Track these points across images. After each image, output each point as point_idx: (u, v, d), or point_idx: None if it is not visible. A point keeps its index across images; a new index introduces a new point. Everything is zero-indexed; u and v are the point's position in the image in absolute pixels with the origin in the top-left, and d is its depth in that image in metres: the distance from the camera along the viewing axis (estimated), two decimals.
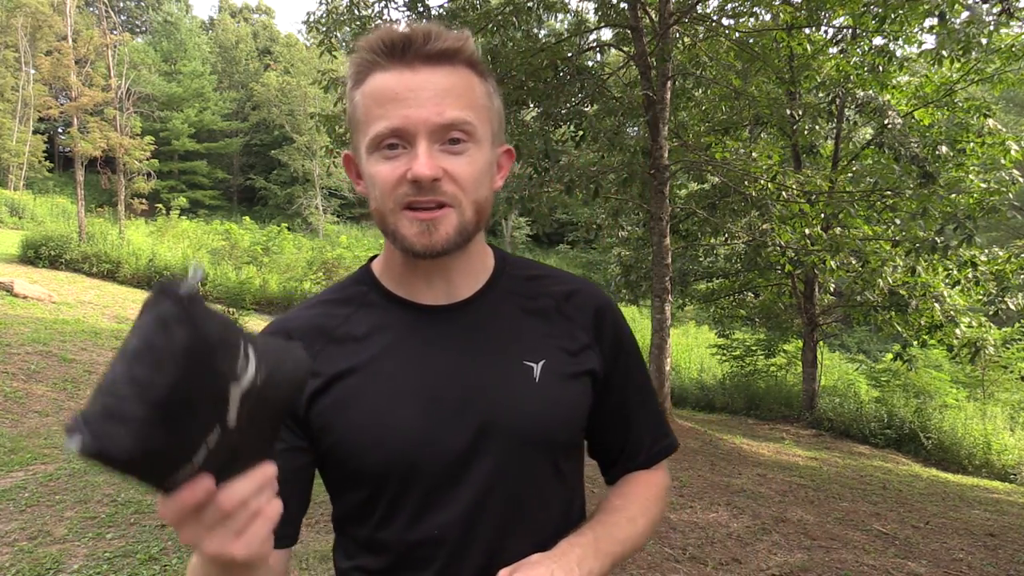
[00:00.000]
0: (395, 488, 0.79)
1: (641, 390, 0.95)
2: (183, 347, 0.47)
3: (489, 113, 0.80)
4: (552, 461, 0.84)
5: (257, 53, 47.18)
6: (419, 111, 0.74)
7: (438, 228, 0.76)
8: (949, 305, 8.05)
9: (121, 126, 19.42)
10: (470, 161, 0.76)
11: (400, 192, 0.75)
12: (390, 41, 0.75)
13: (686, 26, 7.43)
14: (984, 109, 8.45)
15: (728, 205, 8.45)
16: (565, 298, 0.89)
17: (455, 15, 6.90)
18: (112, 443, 0.45)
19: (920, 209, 7.62)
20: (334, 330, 0.84)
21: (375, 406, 0.79)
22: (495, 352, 0.83)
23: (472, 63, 0.79)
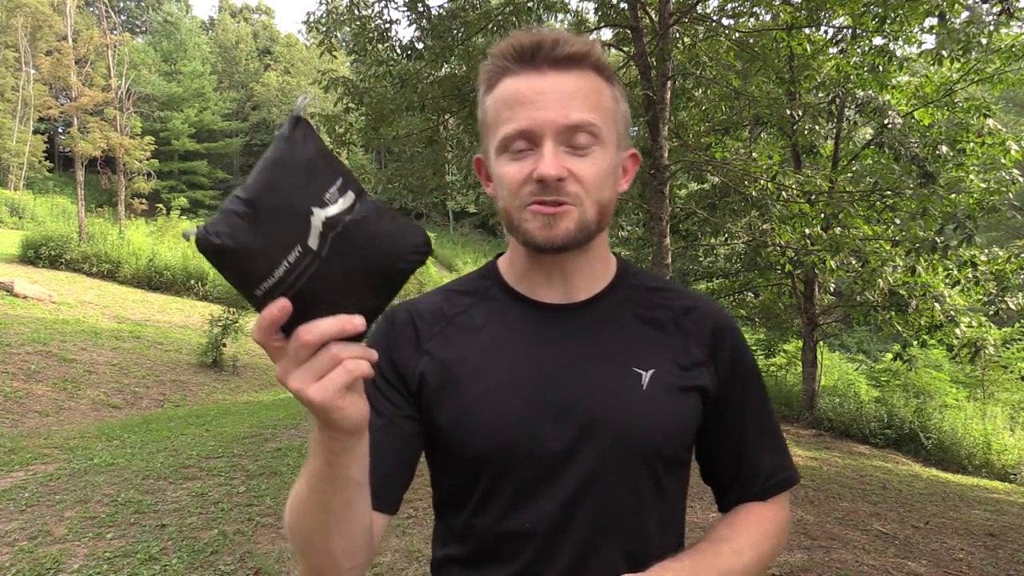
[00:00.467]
0: (492, 477, 0.81)
1: (759, 416, 0.92)
2: (273, 157, 0.55)
3: (615, 116, 0.82)
4: (652, 472, 0.82)
5: (257, 53, 47.19)
6: (546, 113, 0.76)
7: (559, 223, 0.78)
8: (949, 305, 8.05)
9: (121, 126, 19.42)
10: (594, 162, 0.78)
11: (526, 191, 0.78)
12: (520, 47, 0.78)
13: (686, 26, 7.42)
14: (984, 109, 8.45)
15: (728, 205, 8.44)
16: (684, 312, 0.88)
17: (455, 15, 6.89)
18: (214, 232, 0.52)
19: (920, 209, 7.61)
20: (454, 317, 0.88)
21: (482, 394, 0.82)
22: (605, 356, 0.83)
23: (599, 67, 0.81)
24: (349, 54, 8.11)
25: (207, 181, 38.93)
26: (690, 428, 0.85)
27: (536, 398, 0.81)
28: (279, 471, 4.97)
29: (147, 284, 15.62)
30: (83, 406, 7.76)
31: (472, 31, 6.76)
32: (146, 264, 15.73)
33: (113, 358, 9.52)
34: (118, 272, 15.45)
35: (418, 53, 7.10)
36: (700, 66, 7.75)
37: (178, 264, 16.23)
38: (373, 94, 7.24)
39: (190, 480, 4.67)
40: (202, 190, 38.09)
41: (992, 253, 7.65)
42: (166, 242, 19.28)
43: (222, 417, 7.32)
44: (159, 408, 8.39)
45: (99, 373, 8.84)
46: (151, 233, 21.22)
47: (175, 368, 10.00)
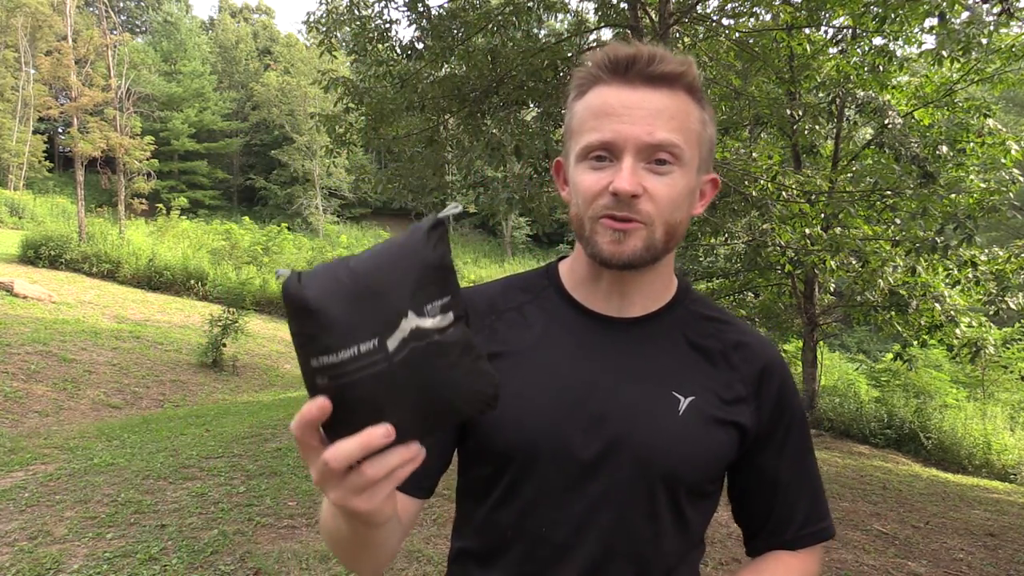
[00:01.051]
0: (515, 474, 0.82)
1: (799, 462, 0.90)
2: (399, 245, 0.54)
3: (700, 139, 0.81)
4: (674, 500, 0.82)
5: (257, 53, 47.17)
6: (631, 128, 0.76)
7: (628, 240, 0.78)
8: (949, 305, 8.05)
9: (121, 126, 19.42)
10: (671, 183, 0.78)
11: (600, 203, 0.78)
12: (615, 58, 0.78)
13: (686, 26, 7.42)
14: (984, 109, 8.44)
15: (728, 205, 8.43)
16: (734, 347, 0.87)
17: (455, 15, 6.89)
18: (305, 283, 0.51)
19: (920, 209, 7.61)
20: (505, 311, 0.89)
21: (517, 392, 0.81)
22: (646, 375, 0.83)
23: (691, 89, 0.80)
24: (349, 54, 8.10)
25: (207, 181, 38.90)
26: (720, 462, 0.83)
27: (570, 405, 0.81)
28: (279, 471, 4.97)
29: (147, 284, 15.62)
30: (83, 406, 7.76)
31: (472, 31, 6.76)
32: (146, 264, 15.73)
33: (113, 358, 9.52)
34: (118, 272, 15.45)
35: (418, 53, 7.10)
36: (700, 66, 7.75)
37: (178, 264, 16.23)
38: (373, 94, 7.24)
39: (190, 480, 4.67)
40: (202, 190, 38.07)
41: (992, 253, 7.65)
42: (166, 242, 19.28)
43: (222, 417, 7.32)
44: (159, 408, 8.39)
45: (99, 373, 8.84)
46: (151, 233, 21.22)
47: (175, 368, 10.00)
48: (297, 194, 37.23)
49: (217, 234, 22.82)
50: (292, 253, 21.87)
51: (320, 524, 0.80)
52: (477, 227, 38.85)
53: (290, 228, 26.09)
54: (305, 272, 0.53)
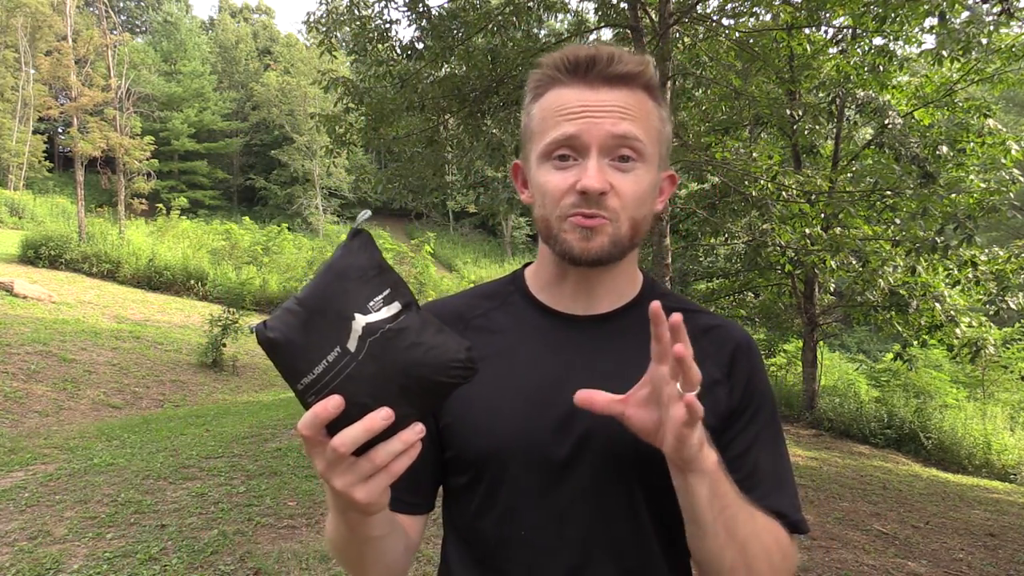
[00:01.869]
0: (490, 481, 0.83)
1: (769, 450, 0.86)
2: (330, 263, 0.61)
3: (660, 136, 0.82)
4: (653, 496, 0.81)
5: (257, 53, 47.17)
6: (594, 122, 0.77)
7: (596, 236, 0.78)
8: (949, 305, 8.05)
9: (121, 126, 19.43)
10: (636, 179, 0.78)
11: (567, 202, 0.78)
12: (575, 60, 0.79)
13: (686, 26, 7.42)
14: (984, 109, 8.45)
15: (728, 205, 8.44)
16: (704, 331, 0.86)
17: (455, 15, 6.89)
18: (270, 327, 0.58)
19: (920, 209, 7.61)
20: (472, 320, 0.90)
21: (488, 397, 0.82)
22: (616, 371, 0.82)
23: (649, 87, 0.81)
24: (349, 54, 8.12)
25: (207, 181, 38.89)
26: None
27: (539, 407, 0.81)
28: (279, 471, 4.97)
29: (147, 284, 15.62)
30: (83, 406, 7.76)
31: (472, 31, 6.76)
32: (146, 264, 15.73)
33: (113, 358, 9.52)
34: (118, 272, 15.45)
35: (418, 53, 7.10)
36: (700, 66, 7.75)
37: (178, 264, 16.23)
38: (373, 94, 7.24)
39: (190, 480, 4.67)
40: (202, 190, 38.06)
41: (992, 253, 7.66)
42: (166, 242, 19.28)
43: (222, 417, 7.32)
44: (159, 408, 8.39)
45: (99, 373, 8.84)
46: (151, 233, 21.22)
47: (175, 368, 10.00)
48: (297, 194, 37.23)
49: (217, 234, 22.82)
50: (292, 253, 21.86)
51: (326, 539, 0.81)
52: (477, 227, 38.84)
53: (290, 228, 26.11)
54: (269, 319, 0.59)
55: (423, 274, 18.47)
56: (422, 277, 18.33)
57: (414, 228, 37.13)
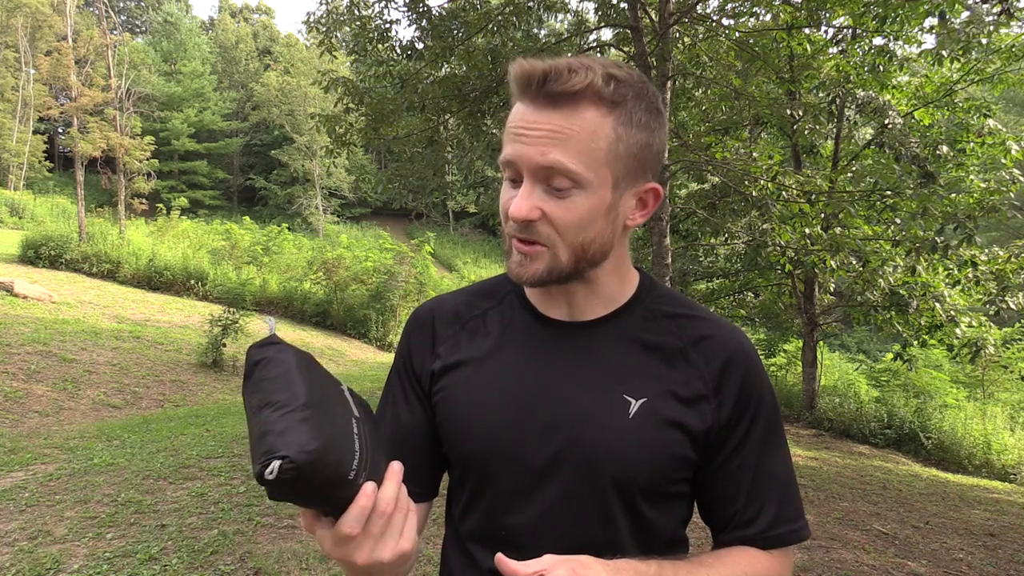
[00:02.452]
0: (476, 479, 0.86)
1: (767, 458, 0.85)
2: (295, 362, 0.61)
3: (610, 157, 0.76)
4: (628, 503, 0.80)
5: (257, 53, 47.17)
6: (526, 149, 0.75)
7: (530, 264, 0.79)
8: (949, 305, 8.05)
9: (121, 126, 19.42)
10: (571, 207, 0.76)
11: (510, 223, 0.79)
12: (522, 75, 0.75)
13: (686, 26, 7.42)
14: (984, 109, 8.45)
15: (728, 205, 8.44)
16: (695, 342, 0.84)
17: (455, 15, 6.89)
18: (296, 448, 0.55)
19: (920, 209, 7.61)
20: (468, 321, 0.92)
21: (474, 399, 0.85)
22: (597, 379, 0.82)
23: (600, 100, 0.74)
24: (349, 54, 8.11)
25: (207, 181, 38.89)
26: (675, 463, 0.81)
27: (522, 411, 0.82)
28: None
29: (147, 284, 15.61)
30: (83, 406, 7.76)
31: (472, 31, 6.76)
32: (146, 264, 15.72)
33: (113, 358, 9.52)
34: (118, 272, 15.44)
35: (418, 53, 7.10)
36: (700, 66, 7.75)
37: (178, 264, 16.22)
38: (373, 94, 7.24)
39: (190, 480, 4.67)
40: (202, 190, 38.06)
41: (992, 253, 7.65)
42: (166, 242, 19.27)
43: (222, 417, 7.32)
44: (159, 408, 8.39)
45: (99, 373, 8.84)
46: (151, 233, 21.22)
47: (175, 368, 10.00)
48: (297, 194, 37.23)
49: (217, 234, 22.81)
50: (292, 253, 21.85)
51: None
52: (477, 227, 38.81)
53: (290, 228, 26.07)
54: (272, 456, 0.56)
55: (423, 274, 18.42)
56: (422, 277, 18.28)
57: (414, 228, 37.13)
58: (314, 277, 17.69)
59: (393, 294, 16.95)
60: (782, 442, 0.88)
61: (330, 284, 17.06)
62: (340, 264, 17.46)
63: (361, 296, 17.10)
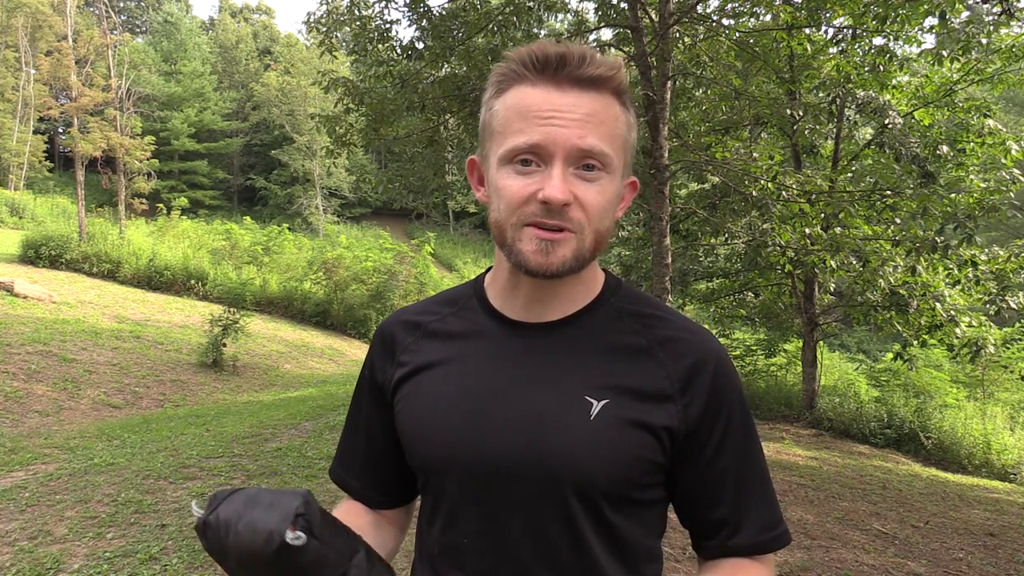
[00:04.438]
0: (436, 486, 0.84)
1: (744, 461, 0.83)
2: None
3: (626, 145, 0.79)
4: (591, 507, 0.78)
5: (257, 53, 47.18)
6: (561, 131, 0.73)
7: (556, 250, 0.75)
8: (949, 304, 8.05)
9: (121, 126, 19.42)
10: (600, 190, 0.76)
11: (527, 210, 0.75)
12: (544, 57, 0.75)
13: (686, 26, 7.42)
14: (984, 109, 8.45)
15: (728, 205, 8.44)
16: (661, 343, 0.82)
17: (455, 15, 6.89)
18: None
19: (920, 209, 7.62)
20: (428, 325, 0.90)
21: (433, 404, 0.84)
22: (559, 380, 0.80)
23: (619, 92, 0.78)
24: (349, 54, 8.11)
25: (207, 181, 38.90)
26: (639, 465, 0.78)
27: (480, 415, 0.80)
28: (279, 471, 4.97)
29: (147, 284, 15.61)
30: (83, 406, 7.76)
31: (472, 31, 6.76)
32: (146, 264, 15.72)
33: (113, 358, 9.53)
34: (118, 272, 15.44)
35: (418, 53, 7.10)
36: (700, 66, 7.75)
37: (178, 264, 16.22)
38: (373, 94, 7.24)
39: (190, 480, 4.67)
40: (202, 190, 38.06)
41: (992, 252, 7.66)
42: (166, 242, 19.27)
43: (222, 417, 7.32)
44: (159, 408, 8.39)
45: (99, 373, 8.84)
46: (151, 233, 21.22)
47: (175, 368, 10.00)
48: (297, 194, 37.23)
49: (217, 234, 22.81)
50: (292, 253, 21.85)
51: None
52: (477, 227, 38.83)
53: (290, 228, 26.08)
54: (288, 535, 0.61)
55: (423, 274, 18.44)
56: (422, 277, 18.30)
57: (414, 228, 37.13)
58: (314, 277, 17.70)
59: (393, 294, 16.96)
60: (758, 445, 0.87)
61: (330, 284, 17.06)
62: (340, 264, 17.46)
63: (361, 296, 17.11)
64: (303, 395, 9.49)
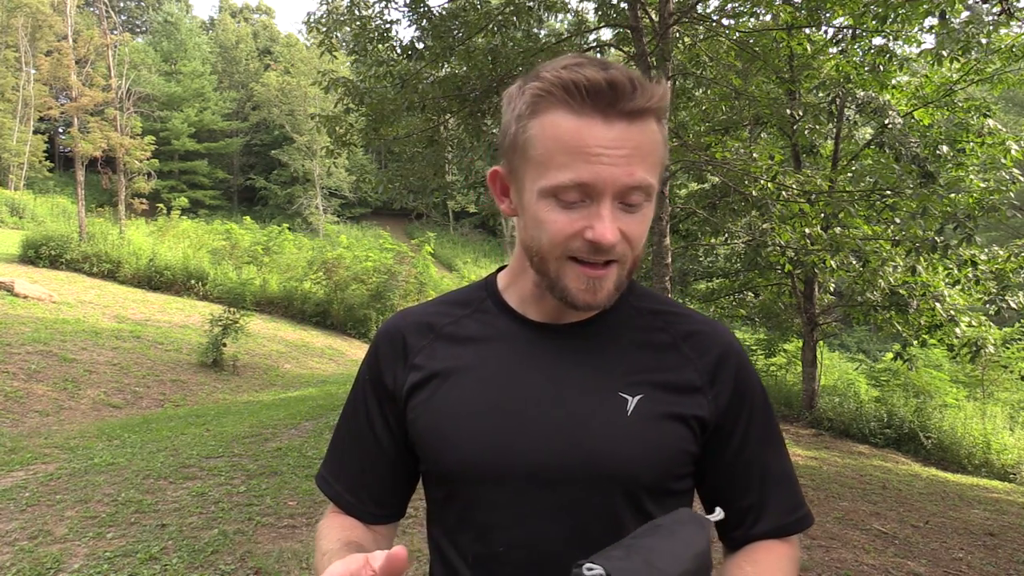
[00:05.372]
0: (466, 495, 0.81)
1: (768, 450, 0.86)
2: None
3: (662, 164, 0.78)
4: (634, 503, 0.78)
5: (257, 53, 47.17)
6: (611, 170, 0.71)
7: (603, 286, 0.75)
8: (949, 304, 8.05)
9: (121, 126, 19.42)
10: (642, 219, 0.76)
11: (572, 245, 0.74)
12: (592, 87, 0.70)
13: (686, 26, 7.43)
14: (984, 109, 8.45)
15: (728, 205, 8.44)
16: (685, 337, 0.84)
17: (455, 15, 6.90)
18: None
19: (920, 209, 7.61)
20: (442, 328, 0.87)
21: (457, 410, 0.81)
22: (591, 379, 0.80)
23: (660, 115, 0.75)
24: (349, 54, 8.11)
25: (207, 181, 38.89)
26: (678, 457, 0.80)
27: (513, 419, 0.79)
28: (279, 471, 4.97)
29: (147, 284, 15.62)
30: (83, 406, 7.76)
31: (472, 31, 6.76)
32: (146, 264, 15.72)
33: (113, 358, 9.53)
34: (118, 272, 15.44)
35: (418, 53, 7.10)
36: (700, 66, 7.76)
37: (178, 264, 16.22)
38: (373, 94, 7.25)
39: (190, 480, 4.67)
40: (202, 190, 38.05)
41: (992, 252, 7.65)
42: (166, 242, 19.27)
43: (222, 417, 7.32)
44: (159, 408, 8.40)
45: (99, 373, 8.84)
46: (151, 233, 21.22)
47: (175, 368, 10.01)
48: (297, 194, 37.23)
49: (217, 234, 22.81)
50: (292, 253, 21.85)
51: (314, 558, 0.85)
52: (477, 227, 38.83)
53: (290, 228, 26.09)
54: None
55: (423, 274, 18.44)
56: (422, 277, 18.31)
57: (414, 228, 37.12)
58: (314, 277, 17.70)
59: (393, 294, 16.97)
60: (779, 432, 0.89)
61: (330, 284, 17.06)
62: (340, 264, 17.47)
63: (361, 296, 17.12)
64: (303, 395, 9.49)
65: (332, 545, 0.81)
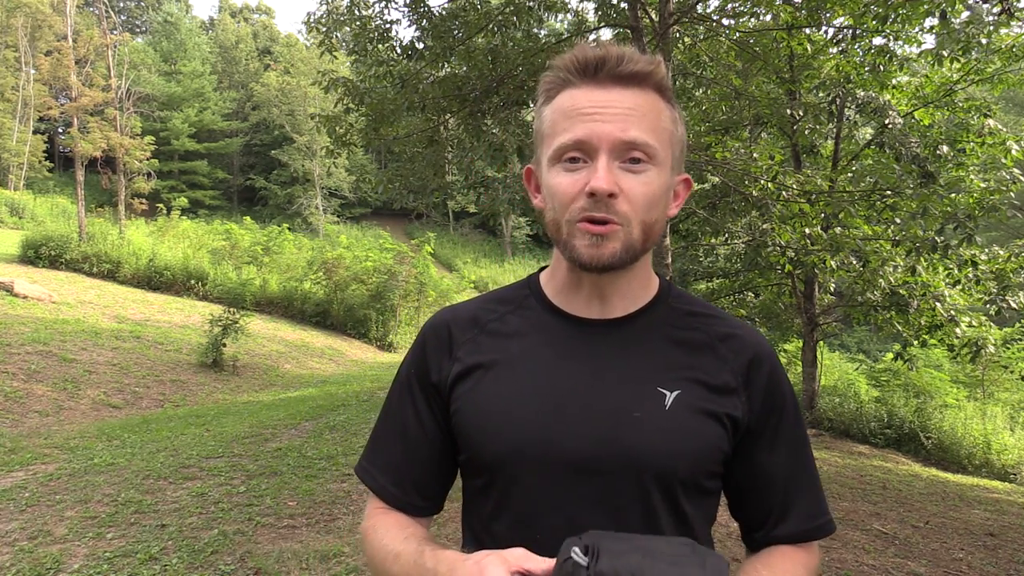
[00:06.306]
0: (506, 483, 0.83)
1: (794, 456, 0.89)
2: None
3: (672, 138, 0.82)
4: (669, 496, 0.81)
5: (257, 53, 47.16)
6: (604, 126, 0.76)
7: (606, 243, 0.78)
8: (949, 304, 8.04)
9: (121, 126, 19.42)
10: (646, 182, 0.78)
11: (577, 205, 0.78)
12: (584, 60, 0.79)
13: (686, 26, 7.42)
14: (984, 109, 8.44)
15: (728, 205, 8.44)
16: (721, 339, 0.87)
17: (455, 15, 6.89)
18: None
19: (920, 209, 7.61)
20: (487, 323, 0.90)
21: (501, 400, 0.83)
22: (631, 374, 0.83)
23: (661, 88, 0.81)
24: (349, 54, 8.10)
25: (207, 181, 38.87)
26: (713, 454, 0.82)
27: (555, 410, 0.81)
28: (279, 471, 4.97)
29: (147, 284, 15.61)
30: (83, 406, 7.76)
31: (472, 31, 6.76)
32: (146, 264, 15.72)
33: (113, 358, 9.52)
34: (118, 272, 15.43)
35: (418, 53, 7.10)
36: (700, 66, 7.75)
37: (178, 264, 16.22)
38: (373, 94, 7.24)
39: (190, 480, 4.67)
40: (202, 190, 38.04)
41: (992, 252, 7.65)
42: (166, 242, 19.27)
43: (222, 417, 7.32)
44: (159, 408, 8.39)
45: (99, 373, 8.84)
46: (151, 233, 21.21)
47: (175, 368, 10.00)
48: (297, 194, 37.22)
49: (217, 234, 22.80)
50: (292, 253, 21.85)
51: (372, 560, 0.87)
52: (477, 227, 38.83)
53: (290, 228, 26.07)
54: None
55: (423, 274, 18.43)
56: (422, 277, 18.30)
57: (414, 228, 37.13)
58: (314, 277, 17.69)
59: (393, 294, 16.96)
60: (807, 438, 0.92)
61: (330, 284, 17.06)
62: (340, 264, 17.46)
63: (361, 296, 17.11)
64: (303, 395, 9.49)
65: (402, 546, 0.83)
